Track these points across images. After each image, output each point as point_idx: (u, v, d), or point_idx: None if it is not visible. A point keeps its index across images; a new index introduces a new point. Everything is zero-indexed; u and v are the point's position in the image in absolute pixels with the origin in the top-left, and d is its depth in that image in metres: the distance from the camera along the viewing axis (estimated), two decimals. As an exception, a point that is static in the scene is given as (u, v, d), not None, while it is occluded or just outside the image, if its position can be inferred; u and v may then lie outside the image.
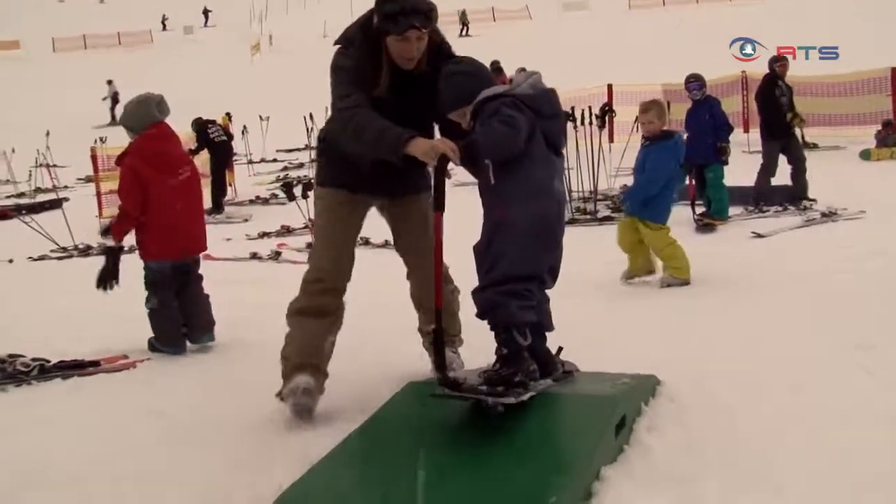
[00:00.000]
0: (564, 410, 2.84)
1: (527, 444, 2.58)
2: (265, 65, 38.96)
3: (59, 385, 4.27)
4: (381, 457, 2.64)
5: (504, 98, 2.95)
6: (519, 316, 2.86)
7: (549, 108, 3.04)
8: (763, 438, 2.88)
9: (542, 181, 2.96)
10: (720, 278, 5.92)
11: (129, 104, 5.08)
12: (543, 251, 2.98)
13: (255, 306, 5.97)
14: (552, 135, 3.05)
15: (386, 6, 3.14)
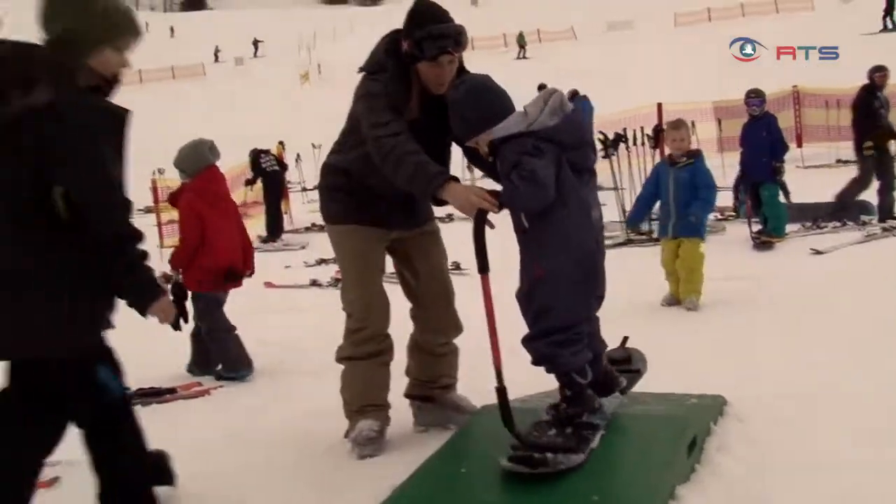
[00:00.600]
0: (637, 431, 2.91)
1: (602, 465, 2.66)
2: (315, 93, 39.73)
3: (139, 410, 4.43)
4: (462, 475, 2.74)
5: (523, 141, 2.78)
6: (573, 362, 2.86)
7: (572, 137, 2.86)
8: (835, 457, 2.89)
9: (578, 224, 2.85)
10: (779, 296, 5.90)
11: (183, 148, 5.42)
12: (588, 293, 2.94)
13: (320, 332, 6.12)
14: (579, 161, 2.88)
15: (416, 32, 3.16)
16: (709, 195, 6.03)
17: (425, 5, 3.25)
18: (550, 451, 2.63)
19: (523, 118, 2.81)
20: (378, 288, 3.48)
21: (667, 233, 6.03)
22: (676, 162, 5.94)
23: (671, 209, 5.94)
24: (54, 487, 3.32)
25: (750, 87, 9.12)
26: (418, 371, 3.64)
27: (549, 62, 33.24)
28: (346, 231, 3.48)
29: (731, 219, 10.05)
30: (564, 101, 2.88)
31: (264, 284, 9.55)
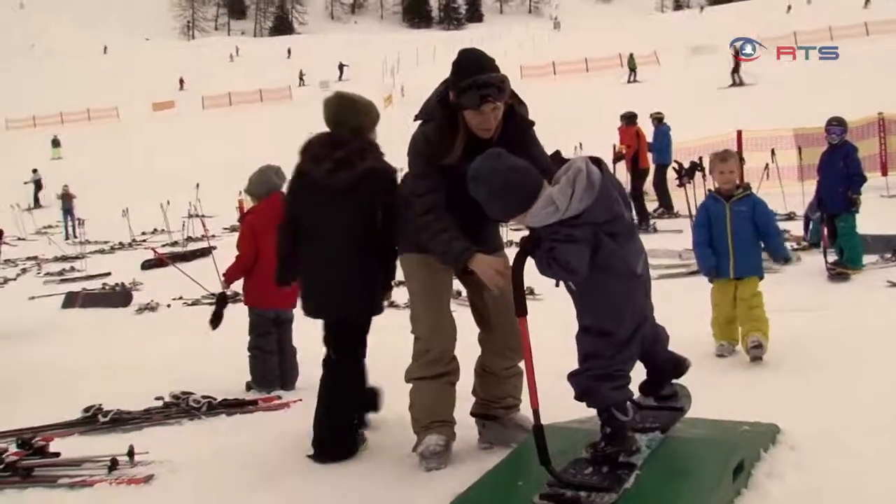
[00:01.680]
0: (684, 452, 3.05)
1: (647, 485, 2.81)
2: (398, 115, 40.42)
3: (224, 420, 4.81)
4: (518, 487, 2.94)
5: (555, 228, 2.85)
6: (613, 397, 2.97)
7: (605, 213, 2.90)
8: (891, 489, 2.95)
9: (624, 288, 2.99)
10: (850, 328, 5.86)
11: (252, 174, 5.93)
12: (637, 344, 3.07)
13: (395, 349, 6.39)
14: (617, 229, 2.95)
15: (460, 83, 3.32)
16: (778, 230, 5.74)
17: (470, 56, 3.45)
18: (584, 489, 2.74)
19: (554, 210, 2.82)
20: (445, 313, 3.71)
21: (725, 273, 5.42)
22: (731, 195, 5.45)
23: (728, 247, 5.39)
24: (149, 483, 3.64)
25: (832, 114, 8.99)
26: (484, 391, 3.84)
27: (663, 85, 32.96)
28: (416, 259, 3.71)
29: (805, 248, 9.91)
30: (592, 178, 2.84)
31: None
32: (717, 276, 5.46)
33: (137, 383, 5.76)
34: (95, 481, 3.69)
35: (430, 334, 3.66)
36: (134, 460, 3.89)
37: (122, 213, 21.16)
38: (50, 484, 3.74)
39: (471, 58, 3.44)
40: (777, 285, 7.54)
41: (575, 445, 3.04)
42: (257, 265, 5.63)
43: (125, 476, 3.72)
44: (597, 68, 44.11)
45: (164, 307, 11.51)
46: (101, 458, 3.92)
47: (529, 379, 2.93)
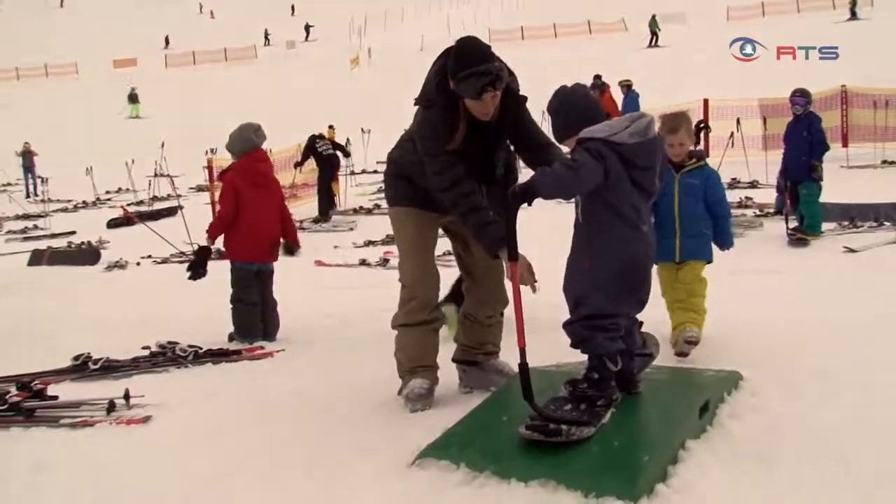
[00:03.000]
0: (656, 393, 3.30)
1: (626, 415, 3.07)
2: (364, 78, 40.22)
3: (212, 369, 4.98)
4: (503, 422, 3.15)
5: (596, 143, 3.04)
6: (607, 346, 3.10)
7: (645, 160, 3.11)
8: (837, 427, 3.19)
9: (627, 232, 3.12)
10: (807, 288, 6.17)
11: (232, 132, 6.02)
12: (628, 293, 3.18)
13: (370, 307, 6.61)
14: (644, 183, 3.14)
15: (460, 73, 3.44)
16: (728, 209, 4.84)
17: (469, 46, 3.54)
18: (565, 423, 2.91)
19: (608, 128, 3.08)
20: (430, 263, 3.89)
21: (670, 255, 4.52)
22: (683, 165, 4.57)
23: (675, 225, 4.52)
24: (147, 423, 3.81)
25: (796, 85, 9.26)
26: (466, 338, 4.04)
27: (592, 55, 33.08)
28: (404, 212, 3.91)
29: (769, 216, 10.25)
30: (650, 127, 3.13)
31: (315, 263, 10.06)
32: (661, 258, 4.46)
33: (120, 335, 5.91)
34: (96, 421, 3.85)
35: (415, 283, 3.84)
36: (130, 403, 4.05)
37: (85, 172, 20.92)
38: (52, 424, 3.89)
39: (470, 47, 3.53)
40: (740, 249, 7.85)
41: (553, 385, 3.26)
42: (240, 220, 5.78)
43: (124, 417, 3.88)
44: (565, 34, 44.13)
45: (134, 265, 11.54)
46: (98, 401, 4.08)
47: (518, 321, 3.04)
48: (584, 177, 2.98)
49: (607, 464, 2.72)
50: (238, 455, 3.29)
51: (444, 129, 3.58)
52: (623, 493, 2.57)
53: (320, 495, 2.84)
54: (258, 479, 3.01)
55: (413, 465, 2.98)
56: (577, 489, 2.62)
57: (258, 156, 6.05)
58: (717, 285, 4.15)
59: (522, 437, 2.90)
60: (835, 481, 2.76)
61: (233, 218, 5.81)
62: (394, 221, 4.00)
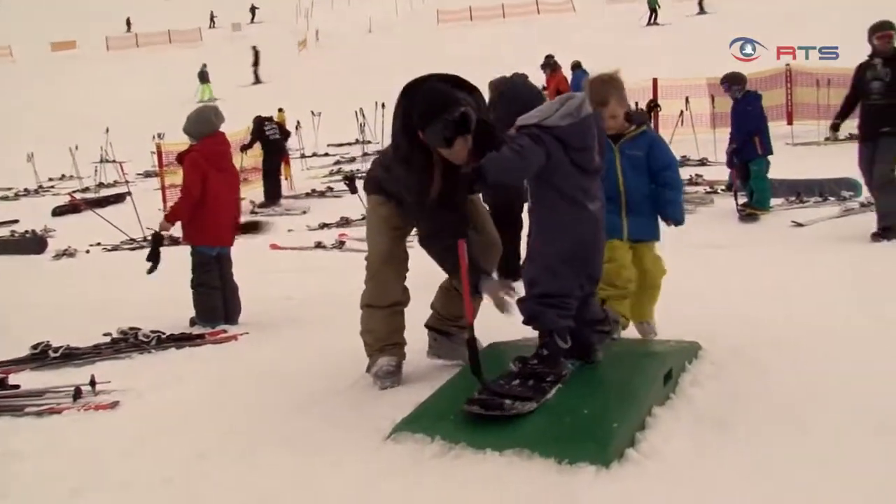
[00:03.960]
0: (623, 362, 3.40)
1: (594, 384, 3.20)
2: (312, 60, 39.77)
3: (175, 353, 4.95)
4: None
5: (530, 128, 3.16)
6: (558, 322, 3.19)
7: (579, 140, 3.18)
8: (793, 391, 3.35)
9: (572, 212, 3.20)
10: (757, 261, 6.38)
11: (190, 114, 5.99)
12: (576, 273, 3.25)
13: (329, 286, 6.64)
14: (583, 163, 3.21)
15: (425, 125, 3.40)
16: (678, 178, 4.23)
17: (432, 94, 3.46)
18: (508, 398, 2.97)
19: (540, 113, 3.19)
20: (396, 244, 3.89)
21: (618, 233, 4.01)
22: (622, 135, 4.02)
23: (620, 200, 4.03)
24: (116, 409, 3.78)
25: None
26: (443, 308, 4.05)
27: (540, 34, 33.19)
28: (382, 200, 3.90)
29: (720, 192, 10.49)
30: (582, 106, 3.21)
31: (270, 246, 10.00)
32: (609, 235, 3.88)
33: (77, 323, 5.82)
34: (63, 409, 3.81)
35: (379, 263, 3.86)
36: (96, 389, 4.01)
37: (26, 159, 20.36)
38: (17, 413, 3.83)
39: (434, 96, 3.45)
40: (693, 224, 8.05)
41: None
42: (202, 204, 5.72)
43: (91, 403, 3.85)
44: (513, 14, 44.16)
45: (83, 253, 11.32)
46: (63, 388, 4.03)
47: (466, 298, 3.20)
48: (529, 160, 3.08)
49: (579, 431, 2.81)
50: (213, 436, 3.30)
51: (420, 184, 3.54)
52: (595, 459, 2.67)
53: (300, 472, 2.87)
54: (236, 458, 3.03)
55: (389, 439, 3.03)
56: (550, 456, 2.70)
57: (220, 138, 6.00)
58: (674, 259, 4.25)
59: (466, 411, 2.96)
60: (792, 442, 2.88)
61: (199, 200, 5.73)
62: (369, 204, 4.01)
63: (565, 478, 2.63)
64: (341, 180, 15.41)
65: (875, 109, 7.13)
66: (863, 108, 7.33)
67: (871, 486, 2.55)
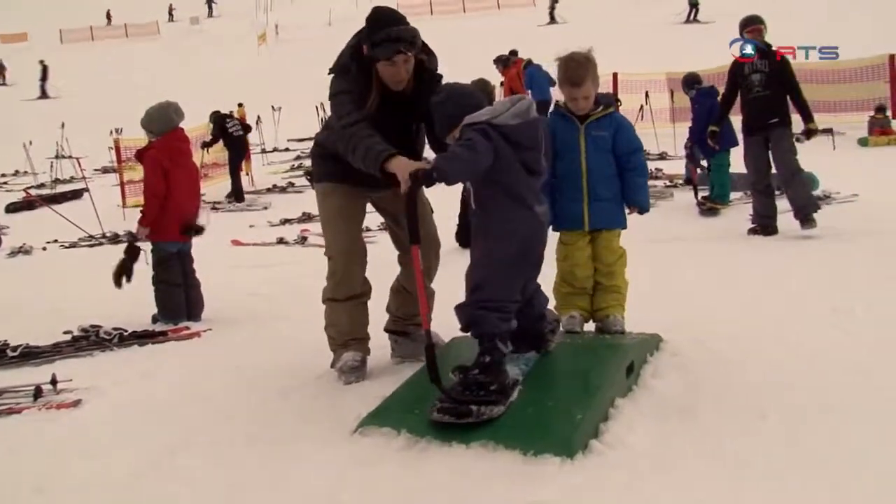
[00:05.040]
0: (585, 354, 3.47)
1: (557, 377, 3.25)
2: (272, 55, 39.40)
3: (138, 351, 4.90)
4: (432, 395, 3.21)
5: (480, 125, 3.08)
6: (499, 326, 3.07)
7: (529, 140, 3.16)
8: (751, 380, 3.45)
9: (519, 214, 3.13)
10: (719, 256, 6.50)
11: (150, 109, 5.89)
12: (521, 276, 3.20)
13: (292, 282, 6.62)
14: (531, 163, 3.18)
15: (374, 36, 3.51)
16: (644, 163, 4.09)
17: (381, 11, 3.62)
18: (475, 403, 2.90)
19: (491, 111, 3.12)
20: (355, 237, 3.90)
21: (578, 224, 3.91)
22: (588, 115, 3.89)
23: (582, 187, 3.88)
24: (79, 407, 3.74)
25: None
26: (398, 309, 4.10)
27: (500, 27, 33.26)
28: (329, 188, 3.91)
29: (678, 186, 10.64)
30: (531, 109, 3.18)
31: (231, 242, 9.91)
32: (565, 226, 3.96)
33: (35, 322, 5.74)
34: (23, 408, 3.75)
35: (340, 257, 3.85)
36: (58, 388, 3.96)
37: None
38: (-26, 413, 3.75)
39: (384, 12, 3.61)
40: (653, 218, 8.16)
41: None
42: (165, 201, 5.67)
43: (53, 402, 3.80)
44: (473, 9, 44.22)
45: (39, 250, 11.09)
46: (22, 388, 3.98)
47: (422, 304, 3.12)
48: (482, 153, 3.00)
49: (543, 423, 2.85)
50: (179, 432, 3.28)
51: (356, 94, 3.59)
52: (560, 450, 2.71)
53: (267, 465, 2.87)
54: (203, 453, 3.02)
55: (355, 433, 3.04)
56: (516, 448, 2.74)
57: (179, 135, 5.96)
58: (633, 253, 4.31)
59: (434, 420, 2.91)
60: (752, 429, 2.97)
61: (165, 193, 5.69)
62: (318, 195, 4.00)
63: (531, 469, 2.66)
64: (302, 175, 15.36)
65: (759, 102, 7.26)
66: (745, 102, 7.46)
67: (829, 466, 2.64)
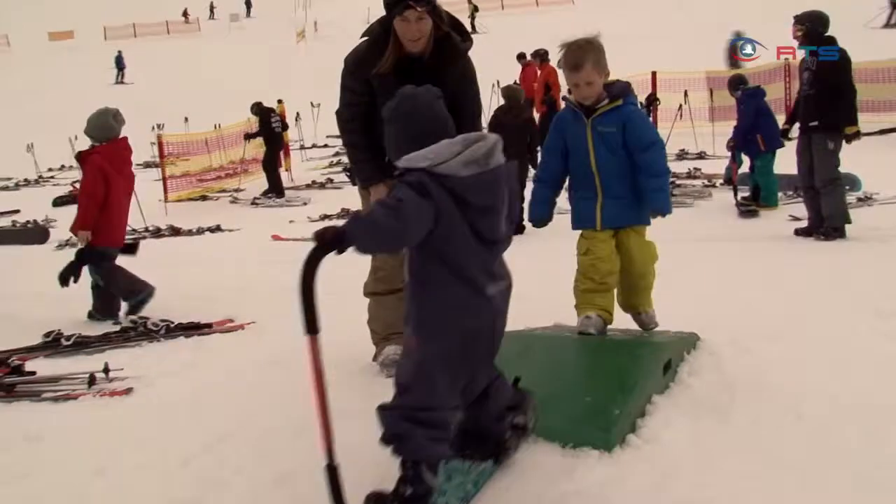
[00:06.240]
0: (623, 351, 3.52)
1: (595, 374, 3.31)
2: (310, 51, 39.76)
3: (184, 342, 5.05)
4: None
5: (418, 174, 2.32)
6: (428, 449, 2.38)
7: (482, 199, 2.37)
8: (789, 381, 3.45)
9: (465, 298, 2.41)
10: (757, 257, 6.49)
11: (91, 117, 6.03)
12: (463, 376, 2.50)
13: (332, 276, 6.67)
14: (484, 231, 2.41)
15: None
16: (660, 160, 3.70)
17: None
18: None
19: (434, 155, 2.34)
20: None
21: (591, 222, 3.75)
22: (595, 108, 3.67)
23: (595, 183, 3.73)
24: (130, 395, 3.88)
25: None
26: None
27: (540, 27, 33.17)
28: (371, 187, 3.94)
29: (718, 186, 10.58)
30: (492, 153, 2.40)
31: (272, 237, 10.10)
32: (581, 225, 3.82)
33: (85, 312, 5.90)
34: (78, 395, 3.92)
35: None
36: (110, 376, 4.11)
37: (26, 149, 20.42)
38: (35, 398, 3.95)
39: None
40: (692, 218, 8.20)
41: (532, 348, 3.43)
42: (107, 205, 5.80)
43: (106, 389, 3.95)
44: (512, 5, 44.16)
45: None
46: (77, 375, 4.14)
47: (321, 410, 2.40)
48: (409, 222, 2.25)
49: (582, 418, 2.92)
50: (228, 421, 3.39)
51: (370, 56, 3.66)
52: (598, 444, 2.78)
53: (315, 454, 2.95)
54: (252, 442, 3.13)
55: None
56: (556, 441, 2.82)
57: (122, 143, 6.05)
58: (673, 251, 4.31)
59: None
60: (788, 429, 2.99)
61: (104, 198, 5.78)
62: (360, 192, 4.04)
63: (569, 461, 2.74)
64: (341, 171, 15.54)
65: (805, 101, 7.24)
66: (797, 101, 7.54)
67: (864, 469, 2.65)
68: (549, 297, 4.15)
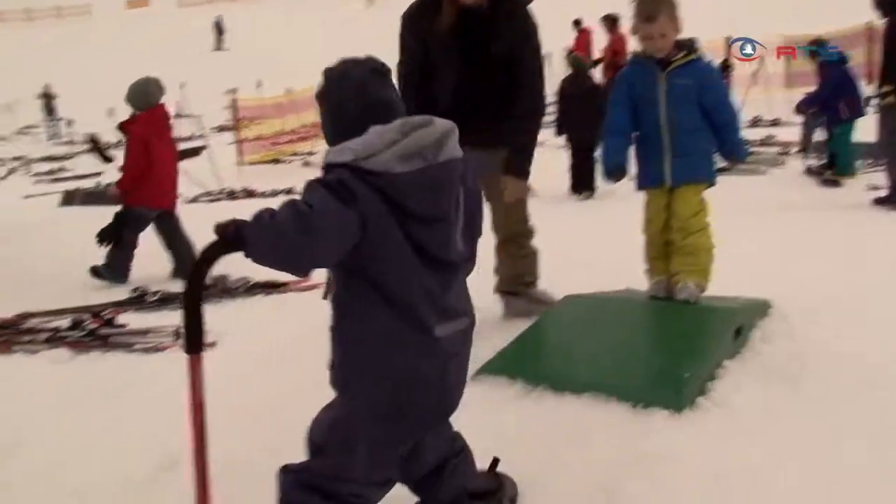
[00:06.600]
0: (694, 316, 3.53)
1: (666, 337, 3.37)
2: (380, 17, 39.78)
3: (263, 299, 5.25)
4: (552, 344, 3.40)
5: (340, 171, 1.80)
6: None
7: (422, 204, 1.83)
8: (863, 354, 3.40)
9: (405, 334, 1.87)
10: (834, 225, 6.36)
11: (133, 85, 6.18)
12: (397, 441, 1.98)
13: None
14: (431, 247, 1.87)
15: None
16: (733, 111, 3.74)
17: None
18: None
19: (363, 146, 1.81)
20: None
21: (660, 180, 3.67)
22: (670, 61, 3.59)
23: (662, 140, 3.62)
24: (215, 348, 4.07)
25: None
26: (504, 270, 4.22)
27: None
28: None
29: (793, 154, 10.32)
30: (442, 143, 1.86)
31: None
32: (648, 184, 3.73)
33: (168, 269, 6.16)
34: (166, 346, 4.14)
35: None
36: (195, 329, 4.30)
37: (107, 114, 21.04)
38: (127, 349, 4.20)
39: None
40: (767, 185, 8.04)
41: (603, 311, 3.48)
42: (151, 171, 6.00)
43: (192, 342, 4.15)
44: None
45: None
46: (164, 328, 4.36)
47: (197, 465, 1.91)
48: (319, 233, 1.73)
49: (653, 379, 2.98)
50: (309, 376, 3.52)
51: (424, 13, 3.68)
52: (669, 405, 2.83)
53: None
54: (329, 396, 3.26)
55: (471, 381, 3.21)
56: (626, 400, 2.88)
57: (161, 111, 6.24)
58: (746, 219, 4.23)
59: None
60: (858, 400, 2.97)
61: (146, 164, 5.97)
62: None
63: (639, 420, 2.80)
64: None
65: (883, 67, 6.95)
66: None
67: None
68: (621, 259, 4.17)
